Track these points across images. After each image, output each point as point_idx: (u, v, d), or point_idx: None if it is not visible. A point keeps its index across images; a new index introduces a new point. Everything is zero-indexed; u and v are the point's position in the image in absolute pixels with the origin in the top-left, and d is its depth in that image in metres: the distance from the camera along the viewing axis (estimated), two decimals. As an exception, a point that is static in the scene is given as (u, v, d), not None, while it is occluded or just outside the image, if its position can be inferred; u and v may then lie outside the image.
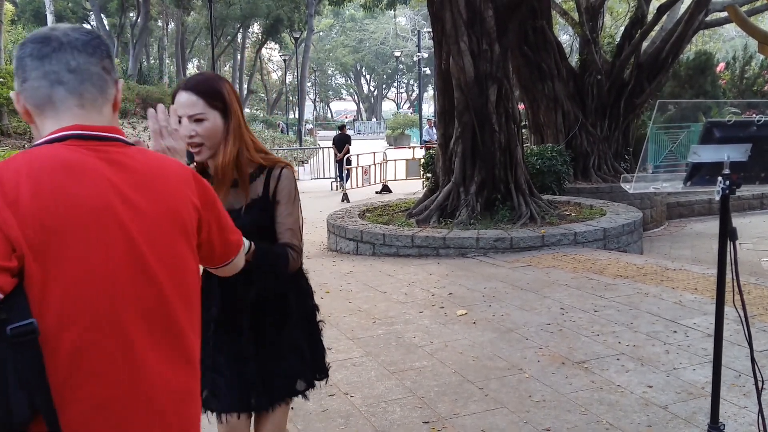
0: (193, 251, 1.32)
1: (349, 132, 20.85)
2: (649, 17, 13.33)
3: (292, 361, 2.09)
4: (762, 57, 18.29)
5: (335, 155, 18.45)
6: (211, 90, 1.98)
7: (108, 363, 1.14)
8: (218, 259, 1.48)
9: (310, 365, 2.16)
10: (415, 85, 62.92)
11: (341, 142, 18.40)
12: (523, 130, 11.99)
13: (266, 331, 2.07)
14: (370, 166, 19.08)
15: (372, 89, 77.60)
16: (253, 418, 2.13)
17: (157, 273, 1.21)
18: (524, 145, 10.25)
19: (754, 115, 2.35)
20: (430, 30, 11.05)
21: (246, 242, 1.85)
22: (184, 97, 1.96)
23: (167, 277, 1.23)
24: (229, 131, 1.99)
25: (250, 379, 2.03)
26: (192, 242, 1.31)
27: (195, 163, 2.00)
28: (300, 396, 2.15)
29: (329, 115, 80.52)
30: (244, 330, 2.05)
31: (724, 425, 2.45)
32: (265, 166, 2.07)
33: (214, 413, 2.07)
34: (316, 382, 2.21)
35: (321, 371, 2.22)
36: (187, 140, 1.92)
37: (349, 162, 18.11)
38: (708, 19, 13.18)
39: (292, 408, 3.34)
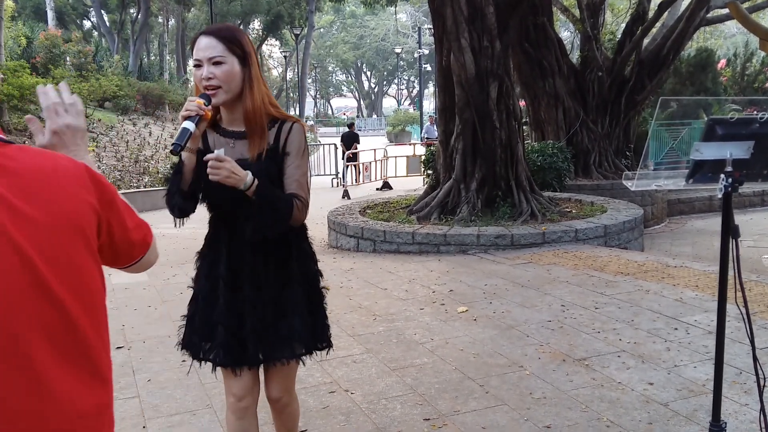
0: (94, 258, 1.18)
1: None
2: (650, 14, 13.31)
3: (292, 321, 2.17)
4: (763, 54, 18.25)
5: (343, 152, 18.47)
6: (231, 36, 2.06)
7: (7, 387, 1.03)
8: (123, 260, 1.35)
9: (310, 329, 2.23)
10: (416, 81, 62.88)
11: (350, 140, 18.51)
12: (524, 127, 11.98)
13: (269, 289, 2.16)
14: (371, 162, 19.09)
15: (373, 86, 77.54)
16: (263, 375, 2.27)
17: (55, 288, 1.08)
18: (525, 142, 10.24)
19: (755, 112, 2.34)
20: (431, 26, 11.03)
21: (249, 177, 1.97)
22: (204, 41, 2.04)
23: (68, 291, 1.10)
24: (250, 78, 2.07)
25: (251, 335, 2.13)
26: (93, 247, 1.18)
27: (211, 107, 2.03)
28: (300, 361, 2.23)
29: (330, 112, 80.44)
30: (246, 288, 2.14)
31: (725, 423, 2.45)
32: (278, 118, 2.15)
33: (220, 367, 2.20)
34: (318, 352, 2.29)
35: (322, 340, 2.29)
36: (205, 83, 2.03)
37: (353, 158, 18.18)
38: (709, 15, 13.17)
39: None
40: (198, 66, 2.05)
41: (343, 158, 18.19)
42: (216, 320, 2.15)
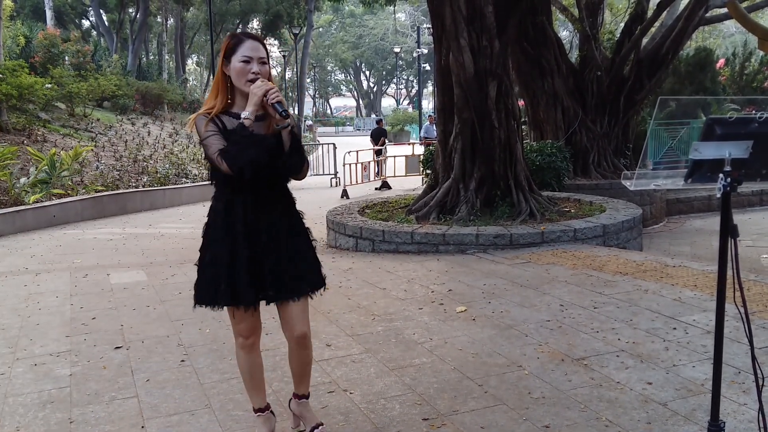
0: None
1: (348, 127, 21.77)
2: (649, 13, 13.33)
3: (301, 263, 2.77)
4: (762, 53, 18.25)
5: (372, 146, 19.65)
6: (265, 44, 2.77)
7: None
8: None
9: (313, 270, 2.84)
10: (415, 81, 62.88)
11: (378, 135, 19.62)
12: (523, 127, 11.99)
13: (282, 237, 2.71)
14: (369, 162, 19.09)
15: (371, 85, 77.51)
16: (278, 311, 2.86)
17: None
18: (524, 142, 10.24)
19: (753, 112, 2.34)
20: (430, 26, 11.02)
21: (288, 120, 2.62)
22: (252, 43, 2.67)
23: None
24: (270, 77, 2.74)
25: (270, 276, 2.69)
26: None
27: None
28: (310, 296, 2.85)
29: (328, 111, 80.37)
30: (264, 237, 2.68)
31: (724, 422, 2.45)
32: None
33: (243, 306, 2.71)
34: (318, 291, 2.90)
35: (321, 281, 2.90)
36: (251, 75, 2.64)
37: (381, 153, 19.32)
38: (708, 15, 13.18)
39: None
40: (247, 62, 2.63)
41: (374, 151, 19.40)
42: (238, 268, 2.65)
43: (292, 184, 2.82)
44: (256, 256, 2.67)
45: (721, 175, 2.23)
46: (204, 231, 2.79)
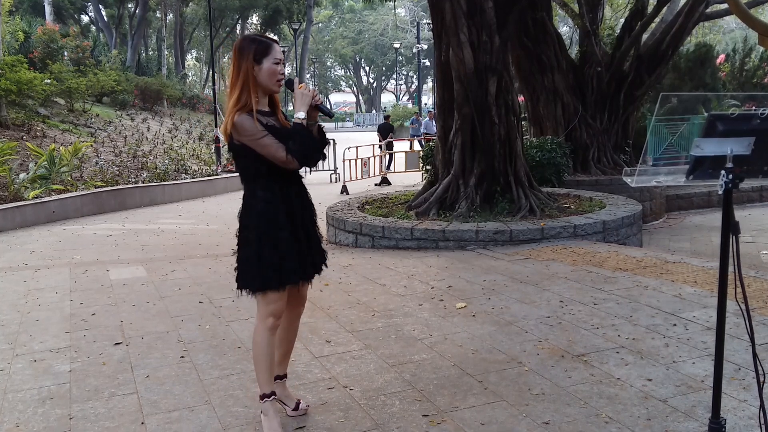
0: None
1: (348, 123, 22.55)
2: (649, 9, 13.30)
3: (320, 244, 3.19)
4: (762, 49, 18.22)
5: (379, 141, 20.41)
6: None
7: None
8: None
9: (322, 251, 3.22)
10: (415, 77, 62.80)
11: (385, 130, 20.78)
12: (523, 123, 11.97)
13: (311, 222, 3.13)
14: (369, 158, 19.07)
15: (371, 81, 77.41)
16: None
17: None
18: (524, 138, 10.23)
19: (753, 108, 2.33)
20: (430, 21, 10.99)
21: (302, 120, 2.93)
22: (279, 48, 2.99)
23: None
24: None
25: (309, 257, 3.09)
26: None
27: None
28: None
29: (328, 107, 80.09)
30: (307, 223, 3.09)
31: (725, 419, 2.45)
32: None
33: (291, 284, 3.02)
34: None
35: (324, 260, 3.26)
36: (281, 76, 2.95)
37: (390, 147, 20.14)
38: (708, 10, 13.15)
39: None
40: (278, 64, 2.92)
41: (379, 145, 20.07)
42: (298, 249, 3.00)
43: None
44: (301, 238, 3.04)
45: (723, 172, 2.22)
46: (256, 221, 2.96)
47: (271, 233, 2.94)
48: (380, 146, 19.84)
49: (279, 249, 2.94)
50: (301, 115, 2.91)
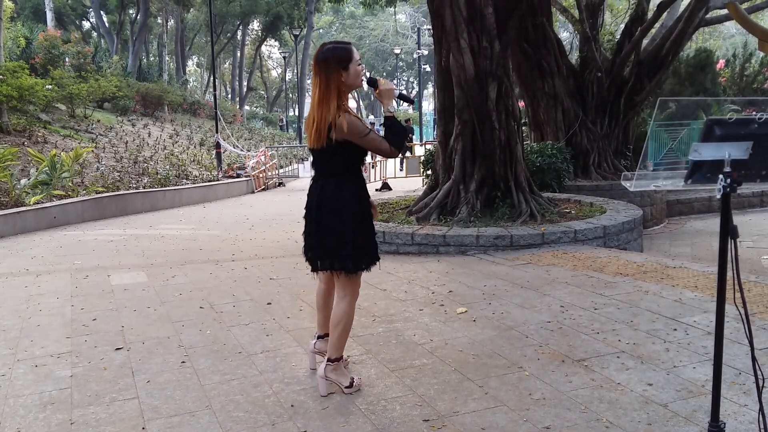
0: None
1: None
2: (650, 14, 13.33)
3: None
4: (762, 54, 18.26)
5: None
6: None
7: None
8: None
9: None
10: (415, 82, 62.86)
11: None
12: (523, 128, 11.99)
13: None
14: (369, 163, 19.10)
15: (372, 86, 77.38)
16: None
17: None
18: (524, 143, 10.23)
19: (753, 113, 2.34)
20: (430, 27, 11.02)
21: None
22: (355, 49, 3.31)
23: None
24: None
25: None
26: None
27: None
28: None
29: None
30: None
31: (724, 423, 2.45)
32: None
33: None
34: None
35: None
36: (364, 73, 3.26)
37: (411, 150, 20.45)
38: (708, 16, 13.18)
39: (292, 406, 3.35)
40: (359, 64, 3.26)
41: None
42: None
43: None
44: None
45: (720, 176, 2.23)
46: (360, 204, 3.35)
47: (366, 220, 3.37)
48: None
49: (370, 233, 3.40)
50: (392, 108, 3.32)
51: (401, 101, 3.37)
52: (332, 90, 3.19)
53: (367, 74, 3.37)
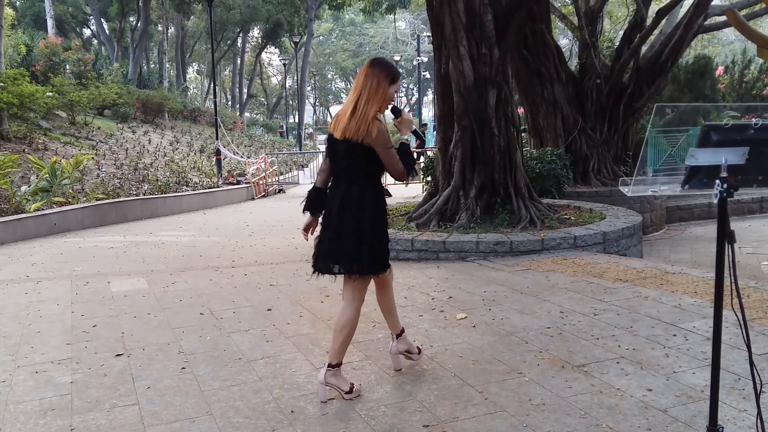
0: None
1: None
2: (648, 21, 13.37)
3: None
4: (761, 61, 18.30)
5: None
6: None
7: None
8: None
9: None
10: (415, 89, 62.95)
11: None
12: (523, 134, 12.01)
13: None
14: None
15: (372, 93, 77.47)
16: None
17: None
18: (524, 149, 10.26)
19: (753, 119, 2.36)
20: (430, 34, 11.06)
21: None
22: None
23: None
24: None
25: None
26: None
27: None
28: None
29: (329, 120, 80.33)
30: None
31: (722, 428, 2.45)
32: None
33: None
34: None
35: None
36: (392, 102, 3.45)
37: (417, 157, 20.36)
38: (707, 23, 13.23)
39: (292, 412, 3.35)
40: (396, 92, 3.47)
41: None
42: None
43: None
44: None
45: (717, 181, 2.25)
46: (380, 209, 3.51)
47: (384, 226, 3.54)
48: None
49: (386, 239, 3.55)
50: (406, 137, 3.53)
51: (413, 136, 3.59)
52: (381, 94, 3.36)
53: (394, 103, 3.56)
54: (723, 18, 12.47)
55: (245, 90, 54.76)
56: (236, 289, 6.34)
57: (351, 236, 3.41)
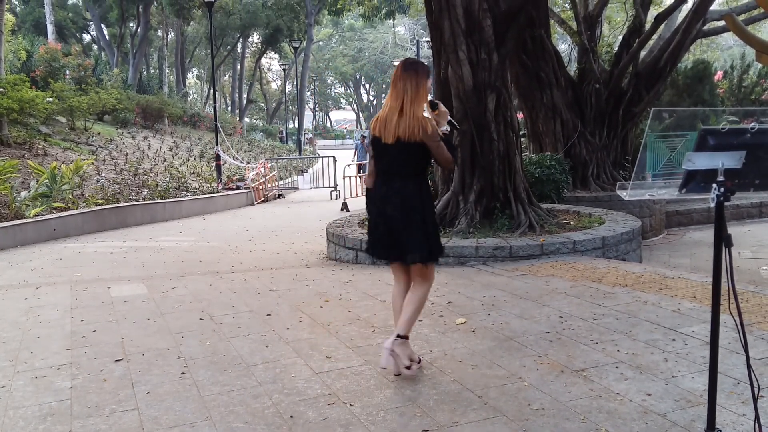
0: None
1: (348, 140, 21.92)
2: (647, 26, 13.40)
3: None
4: (760, 65, 18.35)
5: None
6: None
7: None
8: None
9: None
10: (415, 94, 62.83)
11: None
12: (522, 139, 12.02)
13: None
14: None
15: (371, 98, 77.75)
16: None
17: None
18: (523, 154, 10.27)
19: (750, 123, 2.37)
20: (429, 39, 11.09)
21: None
22: None
23: None
24: None
25: None
26: None
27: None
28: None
29: (328, 125, 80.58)
30: None
31: (720, 430, 2.46)
32: None
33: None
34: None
35: None
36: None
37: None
38: (706, 28, 13.26)
39: (291, 417, 3.36)
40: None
41: None
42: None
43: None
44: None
45: (714, 185, 2.26)
46: (431, 202, 3.77)
47: (435, 216, 3.79)
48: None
49: (438, 228, 3.83)
50: (445, 128, 3.65)
51: (450, 126, 3.73)
52: (422, 93, 3.55)
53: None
54: (722, 23, 12.52)
55: (245, 95, 54.84)
56: (236, 294, 6.34)
57: (418, 230, 3.65)
